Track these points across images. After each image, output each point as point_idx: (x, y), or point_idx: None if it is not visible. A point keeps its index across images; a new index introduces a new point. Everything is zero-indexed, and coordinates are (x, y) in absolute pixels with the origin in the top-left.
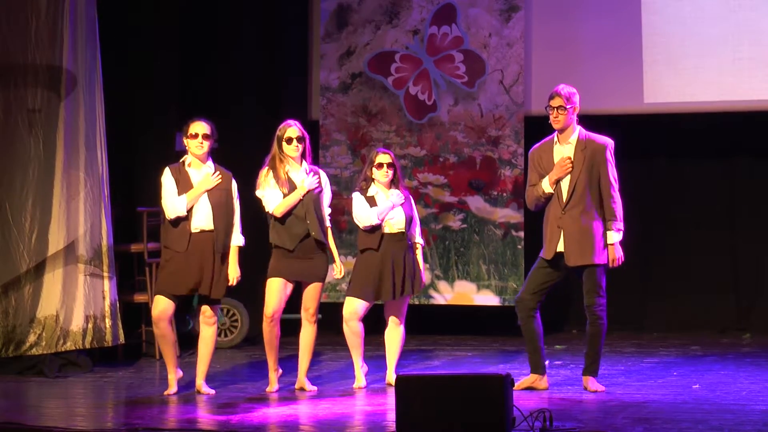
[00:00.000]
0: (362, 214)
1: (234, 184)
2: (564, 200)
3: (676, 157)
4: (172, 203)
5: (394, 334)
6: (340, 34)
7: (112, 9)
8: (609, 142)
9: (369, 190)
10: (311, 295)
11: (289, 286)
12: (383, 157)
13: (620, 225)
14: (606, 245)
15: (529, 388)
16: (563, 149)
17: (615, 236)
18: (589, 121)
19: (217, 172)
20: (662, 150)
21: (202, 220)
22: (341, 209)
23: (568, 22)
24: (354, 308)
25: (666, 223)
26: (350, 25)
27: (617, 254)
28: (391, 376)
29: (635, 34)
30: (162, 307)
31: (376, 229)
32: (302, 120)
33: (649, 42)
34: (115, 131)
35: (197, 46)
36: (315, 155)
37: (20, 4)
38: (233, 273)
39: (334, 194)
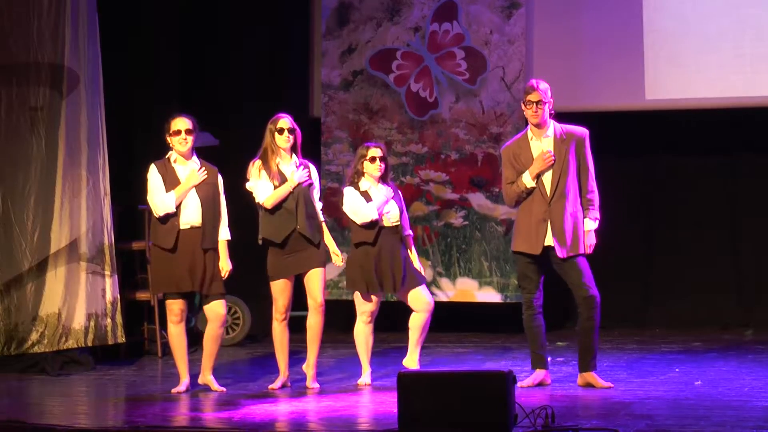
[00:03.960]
0: (361, 210)
1: (220, 179)
2: (549, 193)
3: (677, 154)
4: (161, 200)
5: (416, 317)
6: (342, 32)
7: (113, 5)
8: (586, 131)
9: (360, 184)
10: (315, 282)
11: (291, 283)
12: (375, 151)
13: (597, 214)
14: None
15: (536, 385)
16: (542, 144)
17: (593, 224)
18: (589, 117)
19: (203, 168)
20: (663, 147)
21: (191, 215)
22: (341, 207)
23: (569, 18)
24: (371, 306)
25: (667, 220)
26: (351, 23)
27: (593, 241)
28: (409, 359)
29: (636, 31)
30: (178, 310)
31: (374, 224)
32: (304, 117)
33: (650, 38)
34: (116, 129)
35: (198, 43)
36: (316, 152)
37: (22, 2)
38: (225, 267)
39: (336, 191)
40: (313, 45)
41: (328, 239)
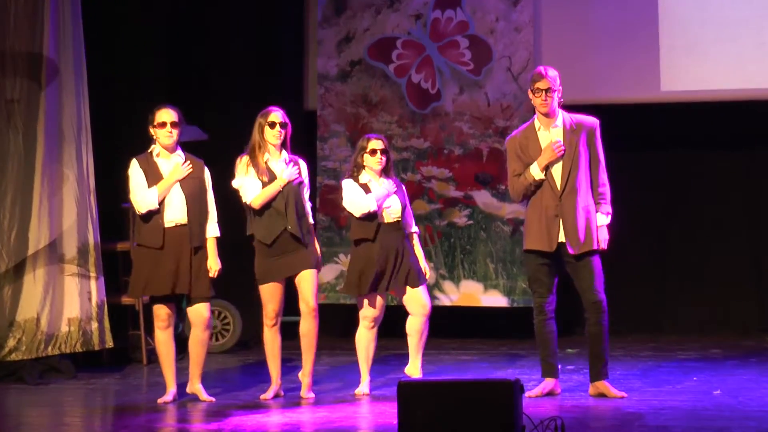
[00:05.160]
0: (359, 201)
1: (207, 173)
2: (559, 186)
3: (695, 148)
4: (143, 196)
5: (414, 322)
6: (339, 19)
7: None
8: (597, 121)
9: (360, 178)
10: (307, 285)
11: (282, 286)
12: (376, 143)
13: (609, 208)
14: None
15: (545, 394)
16: (550, 134)
17: (605, 219)
18: (601, 110)
19: (188, 162)
20: (680, 141)
21: (176, 212)
22: (340, 204)
23: (580, 5)
24: (373, 311)
25: (684, 218)
26: (349, 10)
27: (606, 236)
28: (412, 367)
29: (652, 18)
30: (165, 315)
31: (373, 217)
32: (298, 110)
33: (666, 26)
34: (100, 123)
35: (187, 31)
36: (312, 147)
37: None
38: (214, 265)
39: (332, 189)
40: (309, 33)
41: (315, 245)
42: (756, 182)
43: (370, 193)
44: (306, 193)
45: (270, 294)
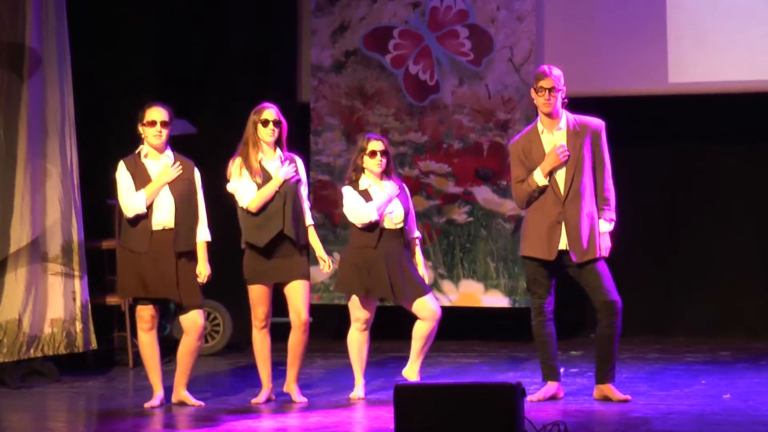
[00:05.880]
0: (360, 211)
1: (197, 174)
2: (563, 192)
3: (703, 142)
4: (130, 200)
5: (421, 326)
6: (333, 8)
7: None
8: (602, 123)
9: (360, 182)
10: (299, 296)
11: (271, 289)
12: (376, 144)
13: (613, 215)
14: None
15: (548, 398)
16: (554, 137)
17: (608, 226)
18: (606, 103)
19: (178, 162)
20: (688, 134)
21: (164, 216)
22: (334, 201)
23: None
24: (366, 312)
25: (692, 216)
26: None
27: (608, 244)
28: (409, 370)
29: (659, 8)
30: (148, 316)
31: (375, 225)
32: (291, 103)
33: (674, 16)
34: (85, 117)
35: (176, 23)
36: (305, 142)
37: None
38: (203, 271)
39: (326, 184)
40: (302, 23)
41: (315, 242)
42: (765, 176)
43: (371, 201)
44: (304, 192)
45: (259, 296)
